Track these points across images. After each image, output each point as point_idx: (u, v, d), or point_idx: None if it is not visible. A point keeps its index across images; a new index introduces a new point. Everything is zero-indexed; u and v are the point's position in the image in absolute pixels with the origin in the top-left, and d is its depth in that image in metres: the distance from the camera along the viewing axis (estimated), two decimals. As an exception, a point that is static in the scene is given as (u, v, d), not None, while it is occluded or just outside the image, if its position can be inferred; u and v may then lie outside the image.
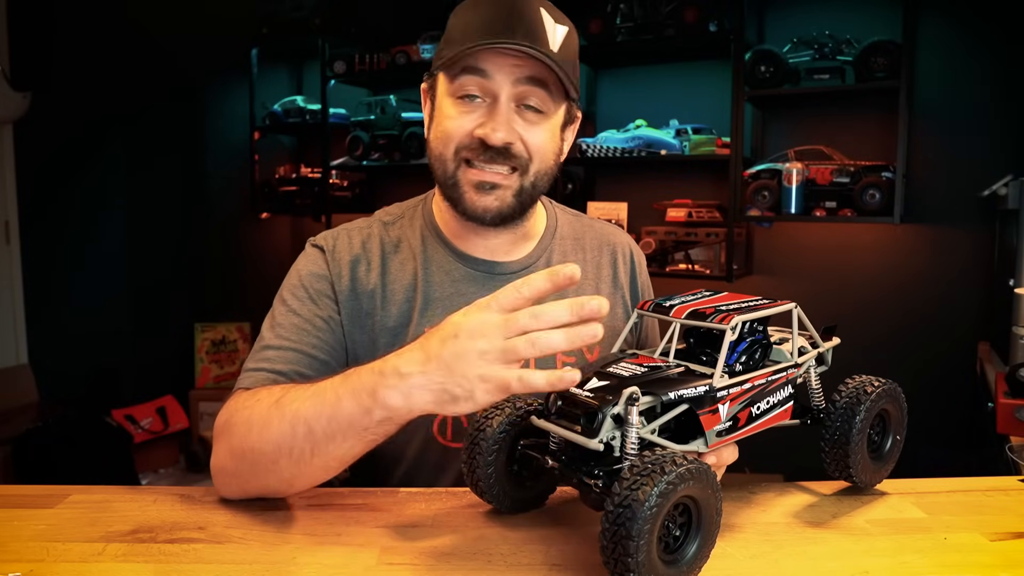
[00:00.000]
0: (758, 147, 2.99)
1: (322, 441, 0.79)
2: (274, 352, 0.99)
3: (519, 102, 0.97)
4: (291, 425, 0.80)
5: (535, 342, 0.68)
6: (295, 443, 0.80)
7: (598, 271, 1.15)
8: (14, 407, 3.03)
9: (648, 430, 0.69)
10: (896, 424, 0.89)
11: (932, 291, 2.72)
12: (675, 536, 0.65)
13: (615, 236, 1.20)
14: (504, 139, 0.96)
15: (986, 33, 2.61)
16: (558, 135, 1.03)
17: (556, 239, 1.14)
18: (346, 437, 0.78)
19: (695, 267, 3.04)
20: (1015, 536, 0.77)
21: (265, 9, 3.71)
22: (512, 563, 0.72)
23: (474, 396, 0.70)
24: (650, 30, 2.91)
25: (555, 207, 1.19)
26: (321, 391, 0.80)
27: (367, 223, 1.12)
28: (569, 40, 0.99)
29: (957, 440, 2.48)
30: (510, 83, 0.96)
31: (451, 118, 0.99)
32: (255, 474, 0.84)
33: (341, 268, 1.05)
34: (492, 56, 0.95)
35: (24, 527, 0.79)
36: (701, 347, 0.80)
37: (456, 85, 0.98)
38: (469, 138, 0.98)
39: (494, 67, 0.95)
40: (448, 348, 0.70)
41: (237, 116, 3.93)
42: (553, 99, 0.99)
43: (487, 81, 0.96)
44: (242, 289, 3.98)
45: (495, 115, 0.96)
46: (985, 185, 2.22)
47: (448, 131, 0.99)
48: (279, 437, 0.81)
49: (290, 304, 1.04)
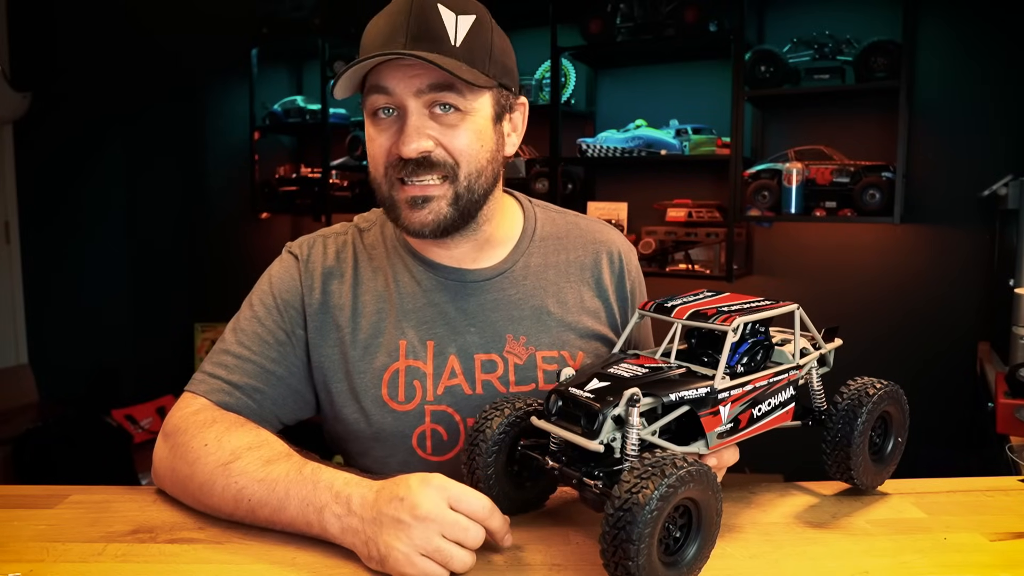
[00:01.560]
0: (758, 147, 2.99)
1: (260, 521, 0.80)
2: (233, 360, 0.98)
3: (431, 107, 0.93)
4: (234, 500, 0.81)
5: (449, 557, 0.69)
6: (236, 511, 0.81)
7: (581, 273, 1.09)
8: (14, 407, 3.03)
9: (649, 431, 0.69)
10: (898, 426, 0.89)
11: (932, 291, 2.72)
12: (675, 538, 0.65)
13: (603, 235, 1.14)
14: (418, 149, 0.92)
15: (986, 33, 2.61)
16: (489, 130, 0.97)
17: (535, 241, 1.09)
18: (283, 527, 0.79)
19: (695, 267, 3.04)
20: (1015, 536, 0.77)
21: (265, 9, 3.70)
22: (512, 563, 0.72)
23: (385, 562, 0.70)
24: (650, 30, 2.91)
25: (535, 206, 1.14)
26: (272, 482, 0.80)
27: (344, 228, 1.10)
28: (478, 27, 0.94)
29: (957, 440, 2.47)
30: (412, 94, 0.92)
31: (372, 139, 0.97)
32: (185, 494, 0.87)
33: (313, 280, 1.03)
34: (389, 70, 0.92)
35: (24, 527, 0.79)
36: (703, 348, 0.80)
37: (368, 104, 0.95)
38: (390, 155, 0.95)
39: (393, 81, 0.92)
40: (390, 510, 0.71)
41: (237, 116, 3.92)
42: (467, 96, 0.93)
43: (391, 96, 0.93)
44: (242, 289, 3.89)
45: (404, 128, 0.92)
46: (985, 185, 2.22)
47: (372, 153, 0.97)
48: (220, 503, 0.82)
49: (256, 311, 1.03)
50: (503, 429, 0.78)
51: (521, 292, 1.05)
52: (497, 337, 1.02)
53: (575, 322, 1.06)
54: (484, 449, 0.78)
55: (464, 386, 1.00)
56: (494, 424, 0.78)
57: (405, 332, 1.00)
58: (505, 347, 1.02)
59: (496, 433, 0.78)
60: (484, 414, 0.79)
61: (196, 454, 0.85)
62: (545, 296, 1.06)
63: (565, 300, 1.07)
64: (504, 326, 1.03)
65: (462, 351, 1.01)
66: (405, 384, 0.99)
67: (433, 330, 1.01)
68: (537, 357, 1.02)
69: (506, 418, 0.78)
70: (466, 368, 1.00)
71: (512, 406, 0.79)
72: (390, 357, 0.99)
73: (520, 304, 1.04)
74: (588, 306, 1.08)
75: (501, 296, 1.04)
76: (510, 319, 1.03)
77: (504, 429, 0.78)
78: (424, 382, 0.99)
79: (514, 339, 1.02)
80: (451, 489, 0.72)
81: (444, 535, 0.69)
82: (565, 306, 1.06)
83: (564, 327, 1.05)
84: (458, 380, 1.00)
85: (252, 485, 0.80)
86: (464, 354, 1.01)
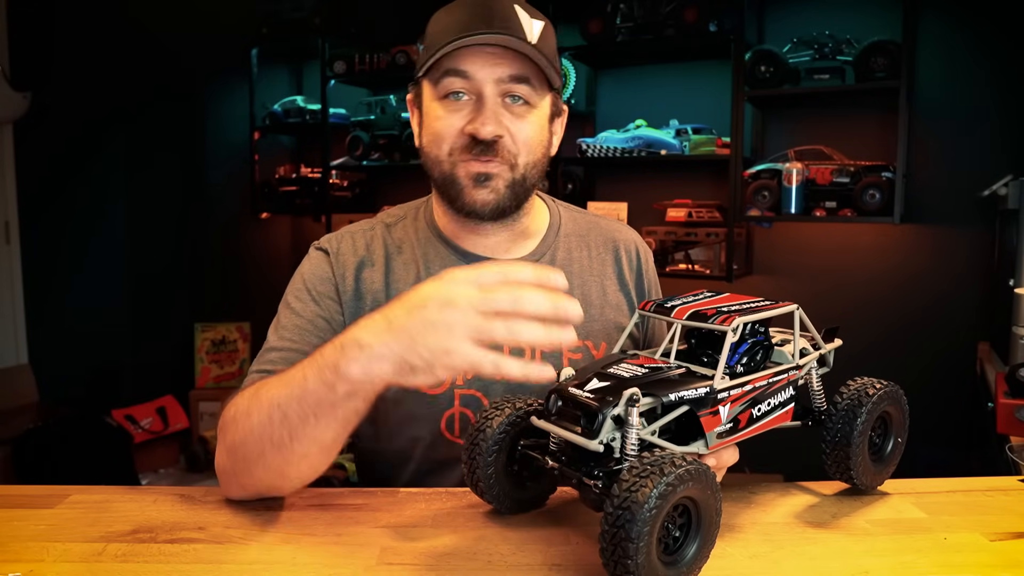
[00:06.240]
0: (758, 147, 2.99)
1: (297, 425, 0.78)
2: (276, 354, 0.99)
3: (503, 96, 0.98)
4: (268, 413, 0.80)
5: (512, 329, 0.66)
6: (274, 431, 0.79)
7: (603, 268, 1.15)
8: (14, 407, 3.03)
9: (648, 431, 0.69)
10: (898, 426, 0.89)
11: (932, 291, 2.72)
12: (675, 537, 0.65)
13: (621, 233, 1.20)
14: (493, 132, 0.96)
15: (986, 33, 2.61)
16: (546, 127, 1.04)
17: (560, 236, 1.15)
18: (318, 417, 0.76)
19: (695, 267, 3.04)
20: (1015, 536, 0.77)
21: (265, 9, 3.71)
22: (512, 563, 0.72)
23: (433, 368, 0.68)
24: (650, 30, 2.91)
25: (558, 205, 1.19)
26: (291, 374, 0.79)
27: (370, 224, 1.13)
28: (547, 33, 1.00)
29: (957, 440, 2.48)
30: (492, 80, 0.97)
31: (440, 118, 0.99)
32: (248, 469, 0.84)
33: (345, 270, 1.06)
34: (471, 56, 0.96)
35: (24, 527, 0.79)
36: (702, 348, 0.80)
37: (441, 87, 0.99)
38: (460, 136, 0.98)
39: (475, 66, 0.96)
40: (414, 318, 0.69)
41: (237, 116, 3.93)
42: (537, 91, 1.00)
43: (469, 81, 0.97)
44: (242, 289, 3.98)
45: (483, 110, 0.97)
46: (985, 185, 2.22)
47: (438, 131, 1.00)
48: (259, 427, 0.80)
49: (293, 306, 1.04)
50: (503, 429, 0.78)
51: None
52: None
53: (599, 315, 1.10)
54: (484, 449, 0.78)
55: None
56: (494, 423, 0.78)
57: None
58: None
59: (496, 433, 0.78)
60: (484, 413, 0.80)
61: (236, 409, 0.86)
62: (571, 288, 1.10)
63: (588, 293, 1.11)
64: None
65: None
66: None
67: None
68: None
69: (506, 418, 0.78)
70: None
71: (512, 405, 0.79)
72: None
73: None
74: (611, 300, 1.13)
75: None
76: None
77: (504, 429, 0.78)
78: None
79: None
80: (461, 273, 0.69)
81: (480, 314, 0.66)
82: (588, 299, 1.11)
83: (588, 318, 1.09)
84: None
85: (277, 391, 0.80)
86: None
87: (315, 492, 0.89)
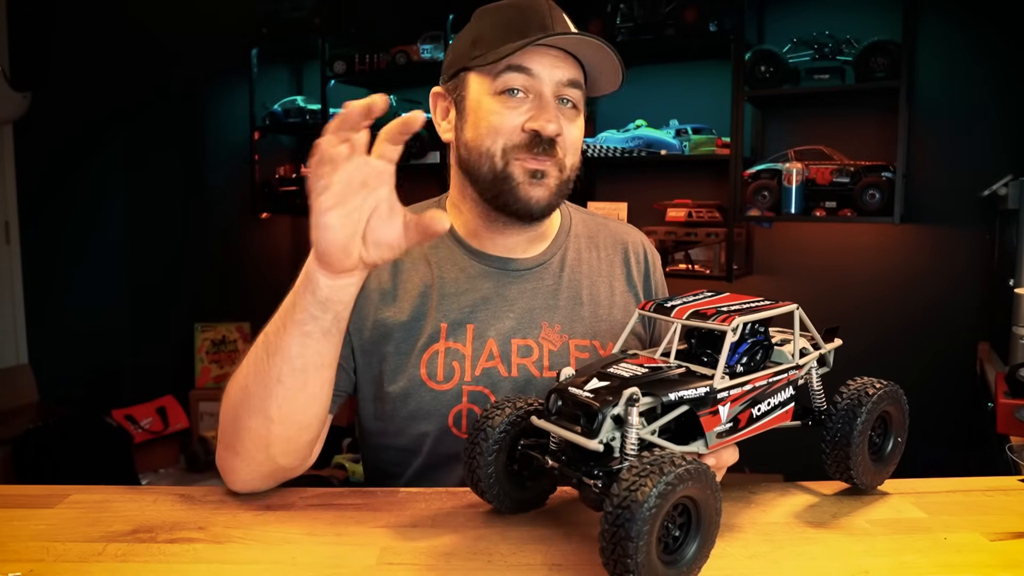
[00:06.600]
0: (758, 147, 2.99)
1: (273, 339, 0.83)
2: None
3: (557, 98, 1.00)
4: (255, 346, 0.86)
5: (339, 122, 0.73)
6: (256, 354, 0.85)
7: (612, 270, 1.16)
8: (14, 407, 3.03)
9: (648, 431, 0.69)
10: (897, 426, 0.89)
11: (932, 291, 2.72)
12: (674, 536, 0.65)
13: (629, 235, 1.21)
14: (556, 131, 0.98)
15: (986, 33, 2.61)
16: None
17: (571, 237, 1.16)
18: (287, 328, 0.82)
19: (695, 267, 3.04)
20: (1015, 536, 0.77)
21: (265, 9, 3.71)
22: (512, 563, 0.72)
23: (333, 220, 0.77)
24: (650, 30, 2.91)
25: (568, 207, 1.21)
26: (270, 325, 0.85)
27: None
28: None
29: (957, 440, 2.48)
30: (554, 82, 0.99)
31: (497, 113, 0.99)
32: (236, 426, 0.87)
33: None
34: (537, 55, 0.98)
35: (24, 527, 0.79)
36: (702, 348, 0.80)
37: (499, 82, 0.99)
38: (518, 132, 0.99)
39: (539, 66, 0.98)
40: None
41: (237, 116, 3.93)
42: (584, 97, 1.03)
43: (532, 79, 0.98)
44: (242, 289, 3.98)
45: (546, 109, 0.98)
46: (985, 185, 2.22)
47: (495, 126, 1.00)
48: (247, 361, 0.87)
49: None
50: (504, 428, 0.78)
51: (557, 282, 1.11)
52: (533, 323, 1.07)
53: (607, 315, 1.11)
54: (485, 448, 0.78)
55: (500, 368, 1.04)
56: (495, 423, 0.78)
57: (447, 315, 1.04)
58: (540, 333, 1.07)
59: (497, 432, 0.78)
60: (485, 413, 0.80)
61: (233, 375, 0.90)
62: (580, 288, 1.12)
63: (597, 293, 1.13)
64: (540, 313, 1.08)
65: (500, 335, 1.05)
66: (444, 364, 1.03)
67: (474, 315, 1.05)
68: (570, 345, 1.07)
69: (507, 417, 0.78)
70: (503, 351, 1.04)
71: (513, 405, 0.79)
72: (431, 339, 1.03)
73: (556, 293, 1.10)
74: (619, 300, 1.14)
75: (539, 285, 1.09)
76: (546, 307, 1.08)
77: (505, 428, 0.78)
78: (463, 363, 1.03)
79: (549, 326, 1.07)
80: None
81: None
82: (597, 299, 1.12)
83: (596, 318, 1.10)
84: (495, 363, 1.04)
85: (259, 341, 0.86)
86: (502, 338, 1.05)
87: (315, 492, 0.89)
